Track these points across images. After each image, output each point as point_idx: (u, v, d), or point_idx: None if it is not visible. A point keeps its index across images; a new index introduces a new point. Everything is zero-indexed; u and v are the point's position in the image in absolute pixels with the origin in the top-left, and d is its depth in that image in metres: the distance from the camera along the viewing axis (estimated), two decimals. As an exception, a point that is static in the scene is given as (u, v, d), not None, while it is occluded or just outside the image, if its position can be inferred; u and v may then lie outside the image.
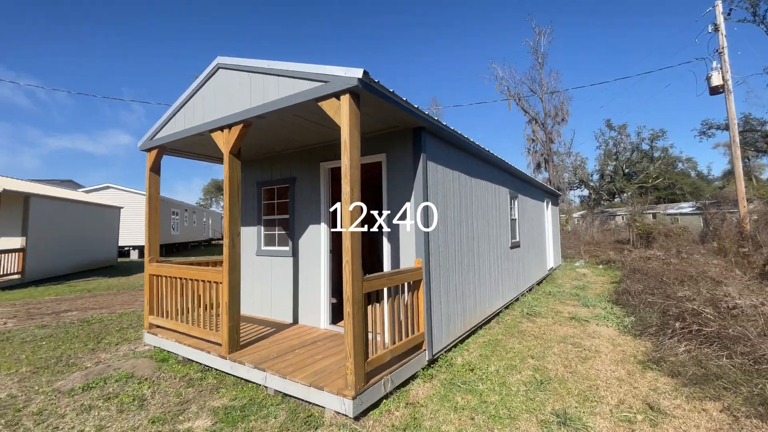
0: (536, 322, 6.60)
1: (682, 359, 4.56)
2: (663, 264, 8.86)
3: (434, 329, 4.51)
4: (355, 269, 3.20)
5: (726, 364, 4.24)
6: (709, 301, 5.57)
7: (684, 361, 4.47)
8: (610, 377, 4.20)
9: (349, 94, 3.25)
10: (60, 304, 8.57)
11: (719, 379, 3.92)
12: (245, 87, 4.15)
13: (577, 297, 8.62)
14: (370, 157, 4.80)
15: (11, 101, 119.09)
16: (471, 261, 5.75)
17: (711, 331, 4.77)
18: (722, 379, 3.91)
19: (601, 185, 43.10)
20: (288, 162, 5.75)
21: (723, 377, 3.94)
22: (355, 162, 3.28)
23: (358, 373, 3.21)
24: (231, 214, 4.29)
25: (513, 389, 3.88)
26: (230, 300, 4.23)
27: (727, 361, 4.34)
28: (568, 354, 4.94)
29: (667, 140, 44.08)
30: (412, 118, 4.12)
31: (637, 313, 6.38)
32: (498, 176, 7.27)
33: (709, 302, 5.57)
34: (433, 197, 4.64)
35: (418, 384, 4.01)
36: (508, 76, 35.64)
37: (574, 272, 12.77)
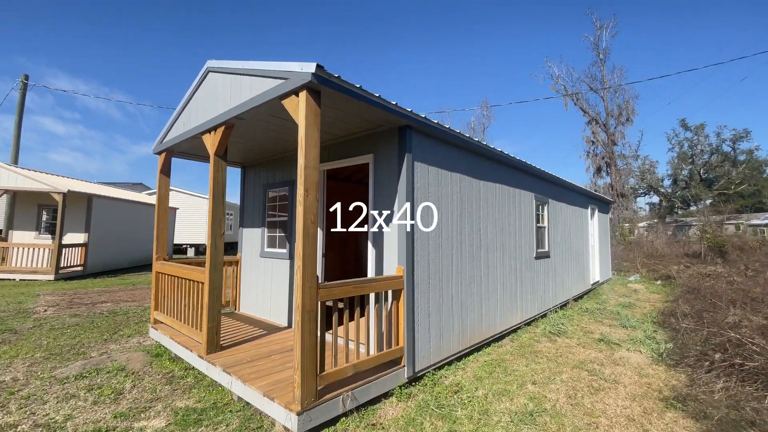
0: (557, 342, 5.92)
1: (716, 398, 3.79)
2: (725, 282, 7.58)
3: (418, 344, 4.16)
4: (307, 276, 3.00)
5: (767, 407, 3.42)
6: (763, 329, 4.60)
7: (717, 401, 3.70)
8: (619, 415, 3.57)
9: (307, 91, 3.08)
10: (101, 295, 9.36)
11: (752, 427, 3.16)
12: (227, 89, 4.16)
13: (618, 316, 7.66)
14: (360, 158, 4.59)
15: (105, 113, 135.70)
16: (476, 271, 5.29)
17: (756, 366, 3.90)
18: (757, 427, 3.15)
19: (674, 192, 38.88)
20: (288, 165, 5.72)
21: (758, 425, 3.17)
22: (313, 162, 3.09)
23: (307, 388, 2.99)
24: (214, 215, 4.31)
25: (494, 419, 3.42)
26: (210, 300, 4.24)
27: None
28: (578, 382, 4.32)
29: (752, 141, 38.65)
30: (393, 116, 3.85)
31: (678, 339, 5.46)
32: (518, 179, 6.68)
33: (764, 330, 4.60)
34: (422, 200, 4.31)
35: (391, 403, 3.70)
36: (565, 75, 33.54)
37: (625, 288, 11.46)
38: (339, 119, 4.05)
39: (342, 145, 4.86)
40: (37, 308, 7.55)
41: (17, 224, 14.01)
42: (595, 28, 31.20)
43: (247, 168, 6.63)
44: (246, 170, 6.65)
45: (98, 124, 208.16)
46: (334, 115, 3.90)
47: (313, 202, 3.08)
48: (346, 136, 4.70)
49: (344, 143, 4.82)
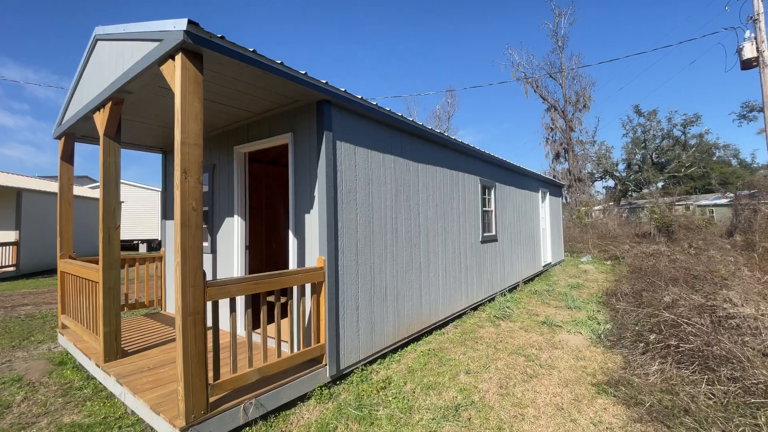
0: (500, 326, 5.79)
1: (651, 382, 3.70)
2: (667, 260, 7.76)
3: (345, 339, 3.84)
4: (188, 273, 2.58)
5: (705, 393, 3.36)
6: (701, 308, 4.62)
7: (652, 385, 3.61)
8: (549, 404, 3.41)
9: (183, 53, 2.61)
10: (26, 297, 8.48)
11: (687, 415, 3.07)
12: (112, 59, 3.59)
13: (565, 297, 7.68)
14: (279, 137, 4.15)
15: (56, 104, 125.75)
16: (414, 258, 5.02)
17: (692, 348, 3.86)
18: (691, 415, 3.05)
19: (628, 175, 40.56)
20: (209, 148, 5.18)
21: (692, 412, 3.08)
22: (193, 138, 2.65)
23: (194, 400, 2.60)
24: (106, 204, 3.76)
25: (416, 417, 3.17)
26: (106, 302, 3.73)
27: (707, 387, 3.45)
28: (513, 369, 4.16)
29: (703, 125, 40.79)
30: (307, 89, 3.43)
31: (618, 320, 5.45)
32: (462, 163, 6.44)
33: (701, 310, 4.62)
34: (348, 184, 3.95)
35: (309, 405, 3.37)
36: (525, 62, 33.88)
37: (576, 269, 11.67)
38: (245, 92, 3.59)
39: (261, 123, 4.39)
40: (-65, 317, 6.66)
41: (-70, 223, 12.54)
42: (554, 15, 31.56)
43: (167, 153, 6.01)
44: (166, 156, 6.03)
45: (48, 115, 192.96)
46: (238, 87, 3.44)
47: (195, 185, 2.64)
48: (264, 113, 4.24)
49: (263, 122, 4.36)
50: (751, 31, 13.22)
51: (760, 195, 14.59)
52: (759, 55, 12.79)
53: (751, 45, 12.99)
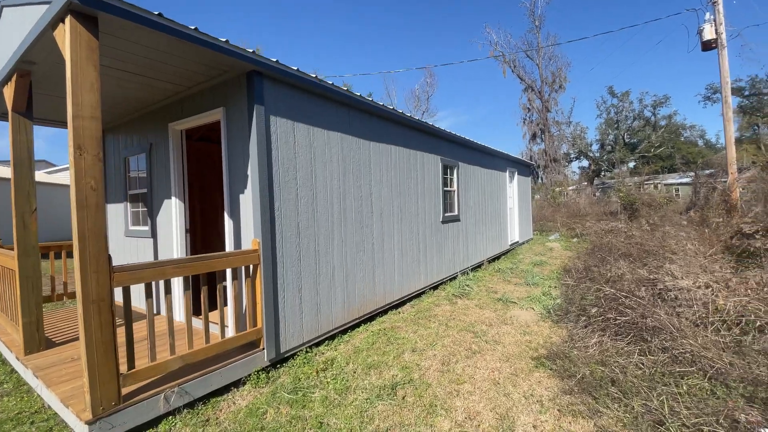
0: (457, 304, 5.82)
1: (590, 354, 3.76)
2: (624, 236, 7.94)
3: (287, 322, 3.74)
4: (89, 258, 2.39)
5: (636, 363, 3.43)
6: (644, 281, 4.72)
7: (589, 357, 3.67)
8: (486, 379, 3.42)
9: (72, 15, 2.35)
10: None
11: (613, 385, 3.12)
12: (16, 26, 3.25)
13: (526, 275, 7.80)
14: (211, 112, 3.91)
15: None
16: (365, 239, 4.92)
17: (627, 321, 3.94)
18: (617, 385, 3.11)
19: (601, 155, 41.44)
20: (145, 126, 4.87)
21: (619, 383, 3.14)
22: (89, 110, 2.41)
23: (103, 392, 2.46)
24: (19, 187, 3.48)
25: (350, 398, 3.12)
26: (24, 292, 3.49)
27: (639, 358, 3.53)
28: (459, 346, 4.16)
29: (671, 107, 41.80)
30: (233, 59, 3.19)
31: (567, 294, 5.55)
32: (421, 141, 6.32)
33: (644, 283, 4.72)
34: (286, 162, 3.77)
35: (244, 391, 3.28)
36: (503, 41, 33.62)
37: (543, 246, 11.89)
38: (166, 63, 3.32)
39: (194, 98, 4.12)
40: None
41: None
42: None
43: (106, 133, 5.64)
44: (105, 135, 5.67)
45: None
46: (156, 56, 3.17)
47: (93, 162, 2.42)
48: (195, 86, 3.96)
49: (195, 96, 4.09)
50: (711, 13, 13.38)
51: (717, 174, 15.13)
52: (717, 36, 12.99)
53: (710, 27, 13.16)
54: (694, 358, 3.36)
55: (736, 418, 2.60)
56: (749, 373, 3.09)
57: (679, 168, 29.10)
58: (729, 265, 5.99)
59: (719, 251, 6.84)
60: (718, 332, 3.80)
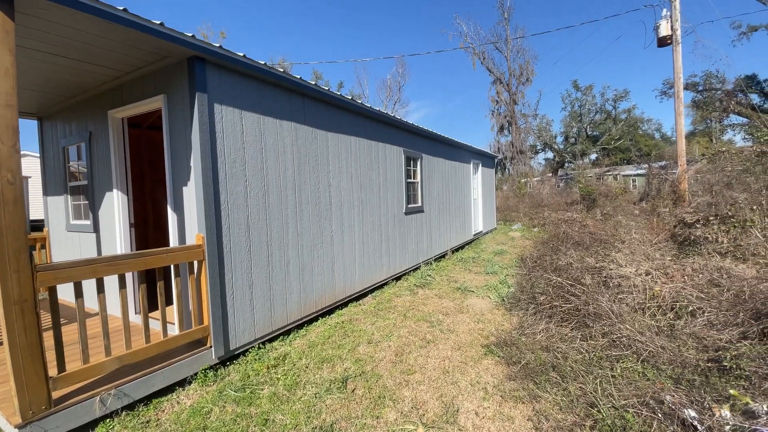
0: (417, 294, 5.90)
1: (537, 340, 3.91)
2: (579, 226, 8.30)
3: (236, 318, 3.66)
4: (5, 257, 2.22)
5: (576, 348, 3.60)
6: (590, 269, 4.94)
7: (536, 344, 3.82)
8: (436, 368, 3.50)
9: (-25, -9, 2.14)
10: None
11: (554, 370, 3.26)
12: None
13: (487, 264, 8.00)
14: (150, 100, 3.70)
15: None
16: (323, 231, 4.87)
17: (572, 307, 4.13)
18: (557, 370, 3.25)
19: (565, 147, 42.92)
20: (84, 113, 4.56)
21: (559, 367, 3.29)
22: (3, 98, 2.20)
23: (31, 395, 2.32)
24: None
25: (299, 393, 3.11)
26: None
27: (580, 343, 3.70)
28: (414, 336, 4.23)
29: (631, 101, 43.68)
30: (172, 45, 3.02)
31: (520, 283, 5.75)
32: (383, 133, 6.29)
33: (590, 271, 4.94)
34: (232, 153, 3.64)
35: (190, 390, 3.19)
36: (473, 33, 33.84)
37: (505, 236, 12.24)
38: (98, 47, 3.11)
39: (134, 84, 3.89)
40: None
41: None
42: (500, -16, 31.49)
43: (43, 120, 5.24)
44: (42, 123, 5.27)
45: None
46: (86, 39, 2.95)
47: (9, 154, 2.24)
48: (134, 72, 3.74)
49: (135, 82, 3.86)
50: (668, 9, 14.00)
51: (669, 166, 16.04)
52: (672, 33, 13.63)
53: (667, 23, 13.78)
54: (630, 342, 3.56)
55: (662, 398, 2.79)
56: (678, 355, 3.32)
57: (635, 160, 30.60)
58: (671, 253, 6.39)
59: (664, 239, 7.28)
60: (654, 317, 4.05)
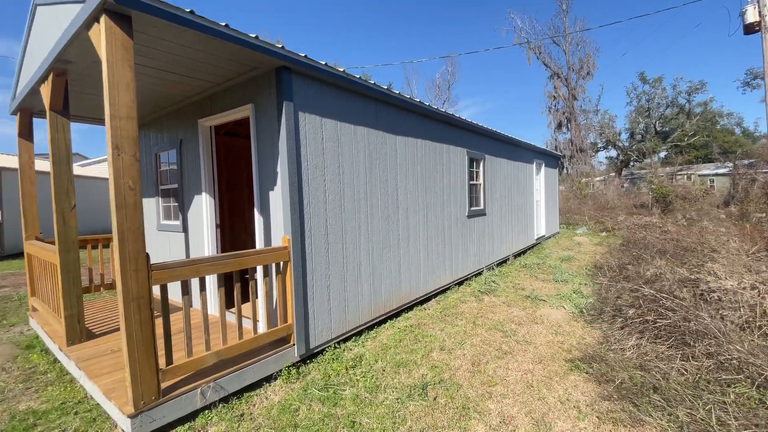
0: (483, 301, 5.72)
1: (626, 357, 3.62)
2: (659, 232, 7.61)
3: (315, 318, 3.75)
4: (129, 256, 2.43)
5: (678, 369, 3.27)
6: (684, 282, 4.49)
7: (626, 361, 3.53)
8: (519, 381, 3.34)
9: (107, 15, 2.35)
10: (5, 279, 8.43)
11: (656, 392, 2.98)
12: (51, 24, 3.30)
13: (554, 270, 7.60)
14: (240, 109, 3.90)
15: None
16: (390, 235, 4.87)
17: (669, 324, 3.76)
18: (660, 393, 2.97)
19: (631, 145, 39.83)
20: (175, 122, 4.93)
21: (662, 390, 3.00)
22: (125, 111, 2.43)
23: (143, 387, 2.52)
24: (58, 185, 3.58)
25: (380, 397, 3.10)
26: (65, 285, 3.61)
27: (680, 363, 3.36)
28: (489, 346, 4.09)
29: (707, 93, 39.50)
30: (262, 55, 3.16)
31: (600, 293, 5.36)
32: (446, 134, 6.18)
33: (684, 283, 4.49)
34: (314, 158, 3.74)
35: (276, 386, 3.31)
36: (528, 27, 32.51)
37: (570, 241, 11.56)
38: (195, 60, 3.32)
39: (223, 94, 4.13)
40: None
41: None
42: (558, -26, 29.99)
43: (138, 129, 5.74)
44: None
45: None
46: (186, 53, 3.17)
47: (131, 163, 2.44)
48: (225, 83, 3.96)
49: (225, 92, 4.10)
50: (756, -7, 12.49)
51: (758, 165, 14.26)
52: (761, 19, 12.15)
53: (754, 9, 12.33)
54: (741, 365, 3.17)
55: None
56: (804, 383, 2.90)
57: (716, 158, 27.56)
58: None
59: (763, 249, 6.46)
60: (767, 337, 3.58)
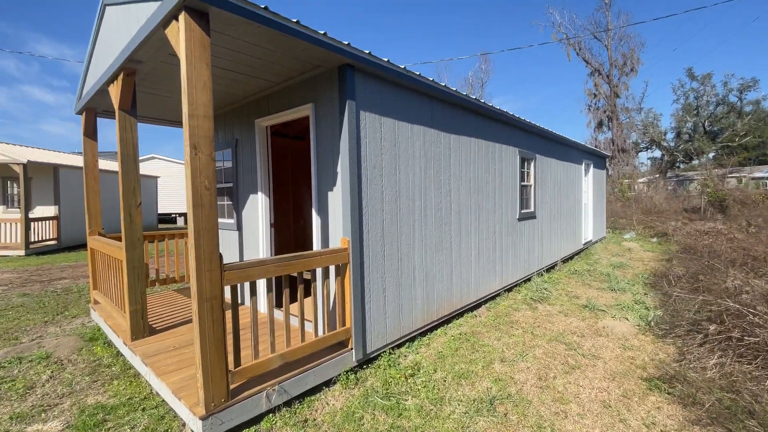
0: (537, 310, 5.45)
1: (708, 377, 3.30)
2: (725, 240, 7.02)
3: (371, 322, 3.65)
4: (204, 256, 2.40)
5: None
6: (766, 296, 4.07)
7: (709, 381, 3.21)
8: (594, 400, 3.10)
9: (187, 12, 2.32)
10: (64, 271, 8.89)
11: (751, 418, 2.68)
12: (121, 24, 3.36)
13: (608, 278, 7.19)
14: (300, 108, 3.85)
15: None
16: (444, 237, 4.70)
17: (757, 342, 3.39)
18: (756, 418, 2.66)
19: (677, 145, 37.58)
20: (231, 121, 4.97)
21: (757, 414, 2.69)
22: (202, 109, 2.40)
23: (214, 388, 2.49)
24: (126, 182, 3.65)
25: (447, 410, 2.95)
26: (131, 280, 3.69)
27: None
28: (553, 359, 3.85)
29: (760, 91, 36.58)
30: (327, 52, 3.08)
31: (670, 305, 4.97)
32: (499, 133, 5.93)
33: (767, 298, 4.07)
34: (373, 159, 3.63)
35: (335, 391, 3.23)
36: (568, 22, 31.31)
37: (619, 246, 10.96)
38: (260, 58, 3.28)
39: (281, 94, 4.10)
40: (-12, 288, 7.08)
41: (-15, 198, 13.38)
42: (601, -34, 28.70)
43: (191, 128, 5.86)
44: (190, 131, 5.89)
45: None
46: (253, 52, 3.14)
47: (207, 162, 2.41)
48: (284, 82, 3.93)
49: (283, 92, 4.07)
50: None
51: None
52: None
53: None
54: None
55: None
56: None
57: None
58: None
59: None
60: None
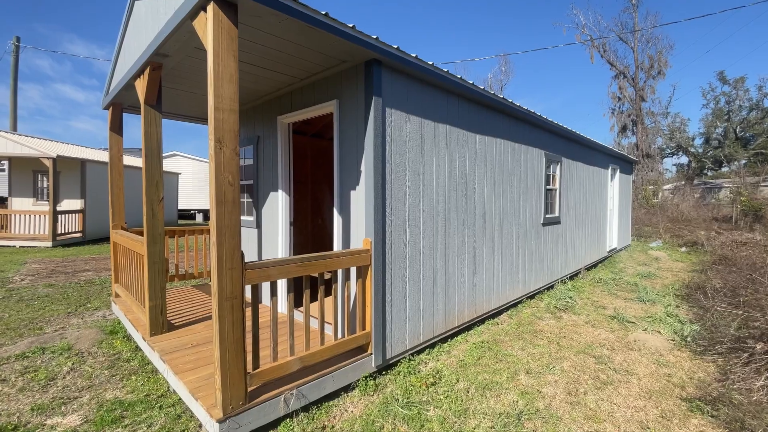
0: (562, 319, 5.23)
1: (755, 400, 3.05)
2: (765, 252, 6.63)
3: (392, 327, 3.53)
4: (225, 254, 2.33)
5: (835, 422, 2.68)
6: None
7: (757, 404, 2.97)
8: (630, 420, 2.90)
9: (215, 4, 2.26)
10: (88, 263, 9.08)
11: None
12: (149, 18, 3.34)
13: (635, 288, 6.88)
14: (323, 105, 3.77)
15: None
16: (467, 241, 4.55)
17: (816, 365, 3.12)
18: None
19: (705, 151, 36.20)
20: (252, 118, 4.94)
21: None
22: (228, 103, 2.33)
23: (232, 390, 2.41)
24: (149, 177, 3.64)
25: (471, 423, 2.81)
26: (151, 275, 3.67)
27: (838, 415, 2.76)
28: (582, 373, 3.65)
29: (793, 95, 34.84)
30: (354, 46, 2.98)
31: (707, 320, 4.68)
32: (525, 134, 5.74)
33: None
34: (397, 158, 3.52)
35: (354, 397, 3.13)
36: (592, 23, 30.57)
37: (645, 255, 10.54)
38: (285, 52, 3.21)
39: (304, 90, 4.03)
40: (15, 277, 7.27)
41: (16, 191, 13.84)
42: (629, -34, 27.92)
43: (214, 124, 5.87)
44: (213, 127, 5.90)
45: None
46: (278, 45, 3.06)
47: (231, 157, 2.34)
48: (307, 78, 3.86)
49: (306, 88, 4.00)
50: None
51: None
52: None
53: None
54: None
55: None
56: None
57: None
58: None
59: None
60: None
